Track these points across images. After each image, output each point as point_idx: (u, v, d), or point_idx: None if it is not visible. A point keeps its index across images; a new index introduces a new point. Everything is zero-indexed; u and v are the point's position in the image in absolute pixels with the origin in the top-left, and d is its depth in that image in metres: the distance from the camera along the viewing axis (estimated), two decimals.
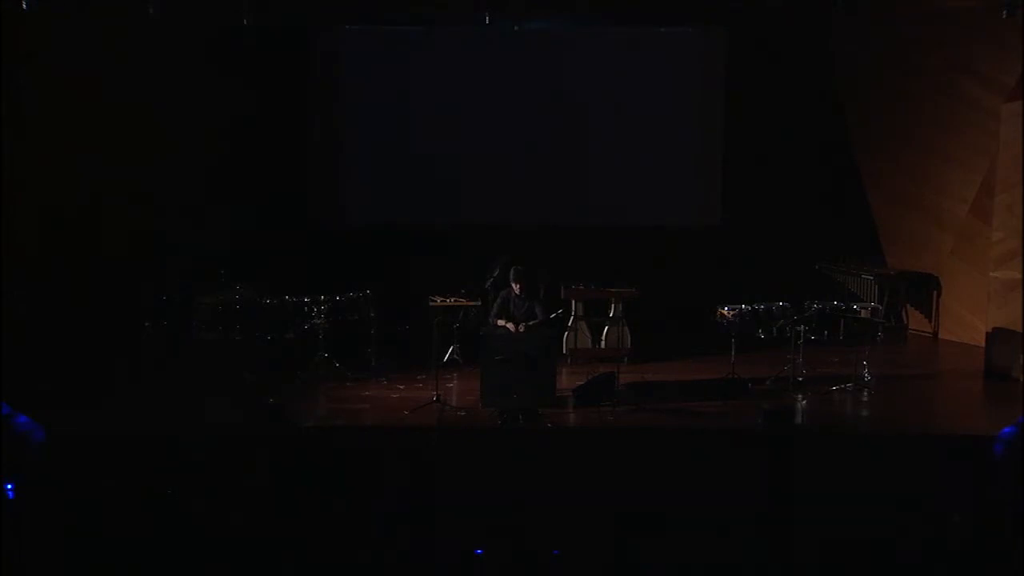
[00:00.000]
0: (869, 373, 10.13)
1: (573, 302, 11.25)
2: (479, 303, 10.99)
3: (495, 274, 11.01)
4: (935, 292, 12.46)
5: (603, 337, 11.24)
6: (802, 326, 10.13)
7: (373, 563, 6.09)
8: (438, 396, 9.43)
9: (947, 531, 6.29)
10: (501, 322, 10.08)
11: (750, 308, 10.28)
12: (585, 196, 13.19)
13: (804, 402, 9.78)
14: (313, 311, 10.31)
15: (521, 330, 9.97)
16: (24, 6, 9.08)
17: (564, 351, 11.08)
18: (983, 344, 10.82)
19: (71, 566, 5.94)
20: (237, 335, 10.36)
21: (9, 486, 6.31)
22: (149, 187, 11.71)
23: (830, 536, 6.25)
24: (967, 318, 11.98)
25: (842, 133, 13.04)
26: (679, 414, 9.36)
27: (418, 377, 10.26)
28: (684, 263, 12.75)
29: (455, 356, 10.89)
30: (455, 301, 11.04)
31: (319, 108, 13.20)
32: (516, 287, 10.18)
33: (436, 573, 6.08)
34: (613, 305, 11.24)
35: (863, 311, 10.39)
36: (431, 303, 10.96)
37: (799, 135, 12.92)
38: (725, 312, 10.31)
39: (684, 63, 13.25)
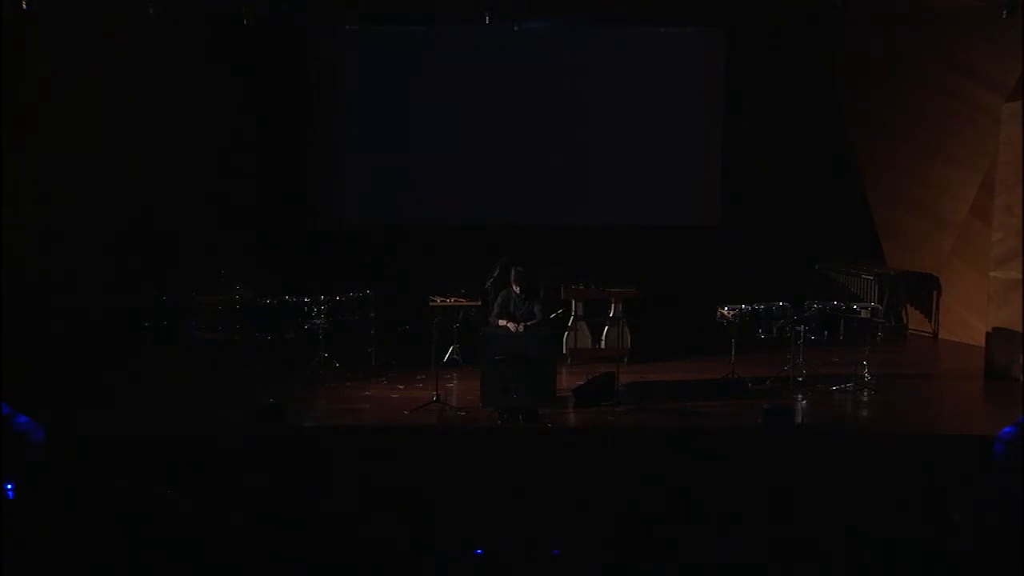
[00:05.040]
0: (869, 373, 10.13)
1: (573, 302, 11.25)
2: (479, 303, 10.99)
3: (495, 274, 11.01)
4: (935, 292, 12.46)
5: (603, 337, 11.24)
6: (802, 326, 10.12)
7: (373, 563, 6.08)
8: (438, 396, 9.42)
9: (947, 531, 6.29)
10: (501, 322, 10.09)
11: (750, 308, 10.27)
12: (585, 196, 13.19)
13: (804, 402, 9.78)
14: (313, 311, 10.32)
15: (521, 330, 9.97)
16: (24, 6, 9.08)
17: (564, 351, 11.08)
18: (983, 344, 10.82)
19: (71, 566, 5.94)
20: (237, 335, 10.37)
21: (9, 486, 6.31)
22: (149, 186, 11.72)
23: (830, 536, 6.25)
24: (967, 318, 11.98)
25: (842, 133, 13.04)
26: (679, 414, 9.35)
27: (418, 377, 10.26)
28: (684, 263, 12.74)
29: (455, 356, 10.89)
30: (455, 301, 11.04)
31: (319, 108, 13.19)
32: (516, 287, 10.19)
33: (436, 573, 6.08)
34: (613, 305, 11.24)
35: (863, 311, 10.39)
36: (431, 303, 10.96)
37: (799, 135, 12.92)
38: (725, 312, 10.32)
39: (684, 63, 13.24)
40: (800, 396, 9.90)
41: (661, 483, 7.32)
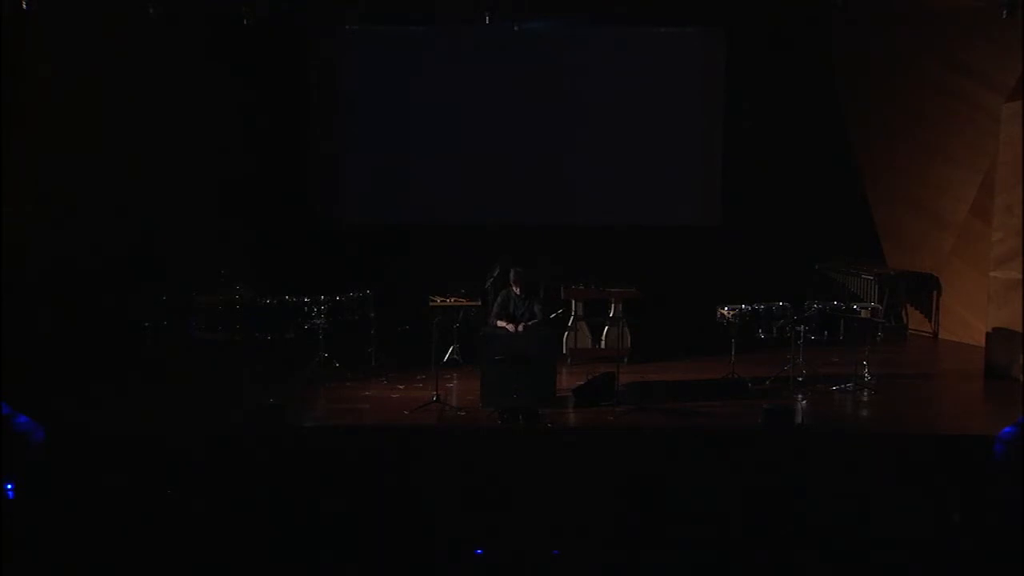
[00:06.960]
0: (869, 373, 10.13)
1: (573, 302, 11.26)
2: (479, 303, 10.99)
3: (495, 274, 11.01)
4: (935, 292, 12.46)
5: (603, 337, 11.24)
6: (802, 326, 10.12)
7: (373, 563, 6.08)
8: (438, 396, 9.43)
9: (947, 531, 6.29)
10: (501, 323, 10.09)
11: (750, 308, 10.27)
12: (585, 196, 13.19)
13: (804, 402, 9.78)
14: (313, 311, 10.32)
15: (521, 330, 9.97)
16: (24, 6, 9.08)
17: (564, 351, 11.08)
18: (983, 344, 10.82)
19: (71, 566, 5.94)
20: (237, 335, 10.37)
21: (9, 486, 6.31)
22: (149, 187, 11.72)
23: (830, 536, 6.25)
24: (967, 318, 11.98)
25: (842, 133, 13.04)
26: (679, 414, 9.36)
27: (418, 377, 10.27)
28: (684, 263, 12.74)
29: (455, 356, 10.90)
30: (455, 301, 11.05)
31: (319, 108, 13.19)
32: (516, 287, 10.19)
33: (436, 573, 6.08)
34: (613, 305, 11.24)
35: (863, 311, 10.40)
36: (431, 303, 10.96)
37: (799, 135, 12.91)
38: (725, 312, 10.32)
39: (684, 63, 13.24)
40: (800, 396, 9.90)
41: (661, 483, 7.32)
